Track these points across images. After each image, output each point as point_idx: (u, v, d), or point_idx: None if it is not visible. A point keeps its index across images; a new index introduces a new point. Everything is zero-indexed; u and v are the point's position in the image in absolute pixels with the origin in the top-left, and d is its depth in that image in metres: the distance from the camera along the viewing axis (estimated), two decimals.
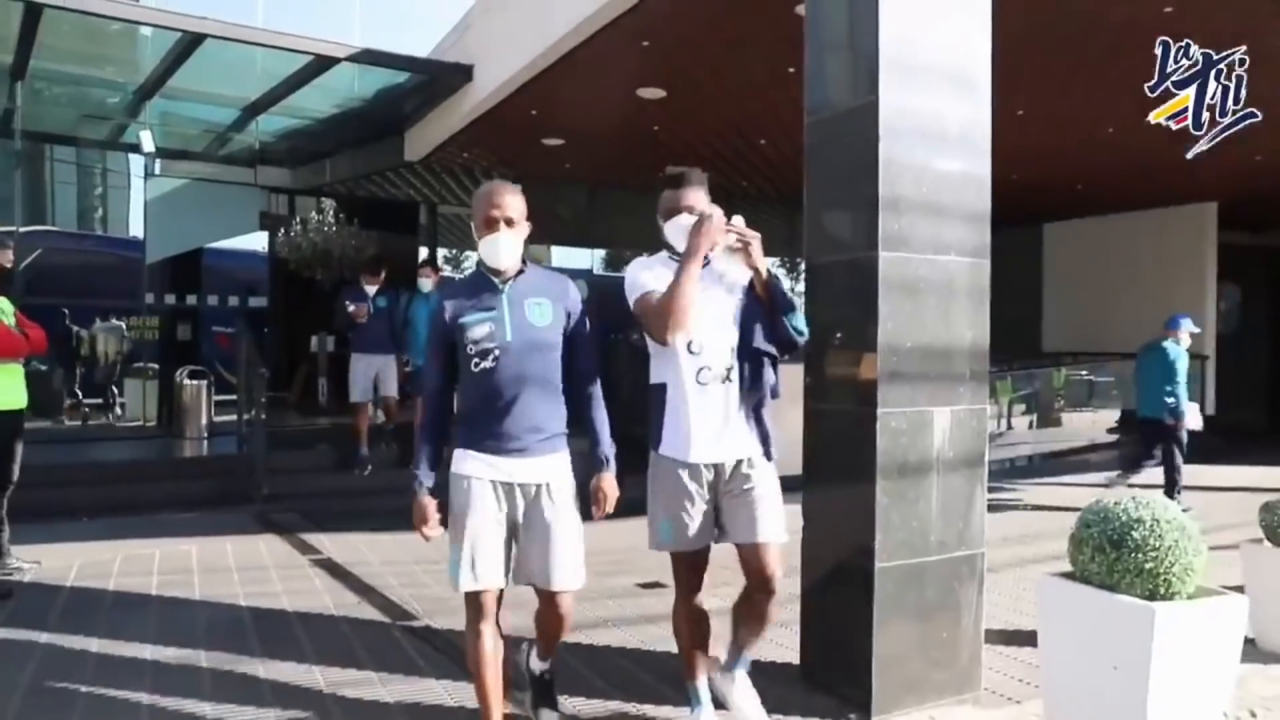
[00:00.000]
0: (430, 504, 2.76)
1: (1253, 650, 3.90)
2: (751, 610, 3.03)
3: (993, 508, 3.91)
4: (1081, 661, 2.83)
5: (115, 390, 12.10)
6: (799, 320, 2.98)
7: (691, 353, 2.92)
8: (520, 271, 2.84)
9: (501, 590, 2.82)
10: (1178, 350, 7.37)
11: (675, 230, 2.94)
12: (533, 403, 2.76)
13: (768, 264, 2.96)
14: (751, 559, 2.95)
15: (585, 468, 2.95)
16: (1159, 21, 5.55)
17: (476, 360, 2.73)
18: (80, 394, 11.96)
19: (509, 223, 2.77)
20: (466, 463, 2.79)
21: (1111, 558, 2.73)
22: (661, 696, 3.49)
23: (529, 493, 2.79)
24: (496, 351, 2.72)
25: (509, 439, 2.75)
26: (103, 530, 6.48)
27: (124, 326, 12.83)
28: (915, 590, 3.36)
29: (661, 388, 2.98)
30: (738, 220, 2.92)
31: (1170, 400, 7.29)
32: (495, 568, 2.75)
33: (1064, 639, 2.95)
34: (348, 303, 8.05)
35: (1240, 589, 3.55)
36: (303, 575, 5.36)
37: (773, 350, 2.97)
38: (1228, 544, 4.49)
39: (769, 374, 2.99)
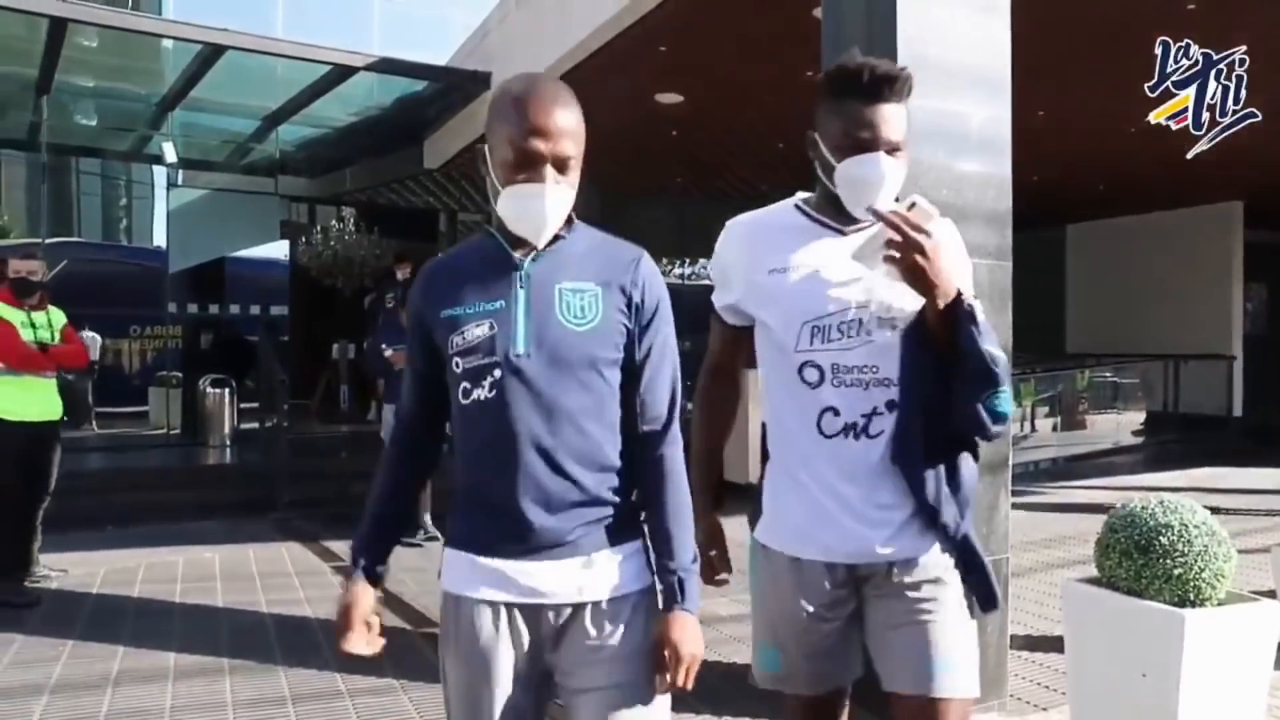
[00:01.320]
0: (357, 600, 1.63)
1: None
2: None
3: (1017, 511, 3.87)
4: (1110, 669, 2.79)
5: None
6: (1000, 400, 1.65)
7: (806, 381, 1.72)
8: (557, 237, 1.59)
9: None
10: None
11: (852, 179, 1.69)
12: (566, 461, 1.54)
13: (953, 289, 1.65)
14: (913, 718, 1.76)
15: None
16: (1183, 20, 5.50)
17: (466, 385, 1.55)
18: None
19: (561, 165, 1.51)
20: (458, 572, 1.63)
21: (1139, 563, 2.68)
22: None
23: (565, 618, 1.57)
24: (497, 372, 1.52)
25: (525, 526, 1.53)
26: (127, 538, 6.54)
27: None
28: None
29: (768, 432, 1.85)
30: (920, 205, 1.65)
31: None
32: None
33: (1091, 646, 2.90)
34: (384, 346, 6.65)
35: (1272, 594, 3.50)
36: (325, 582, 5.37)
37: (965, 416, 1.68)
38: (1257, 548, 4.43)
39: (960, 434, 1.73)
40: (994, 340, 1.66)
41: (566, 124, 1.51)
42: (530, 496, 1.53)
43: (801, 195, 1.86)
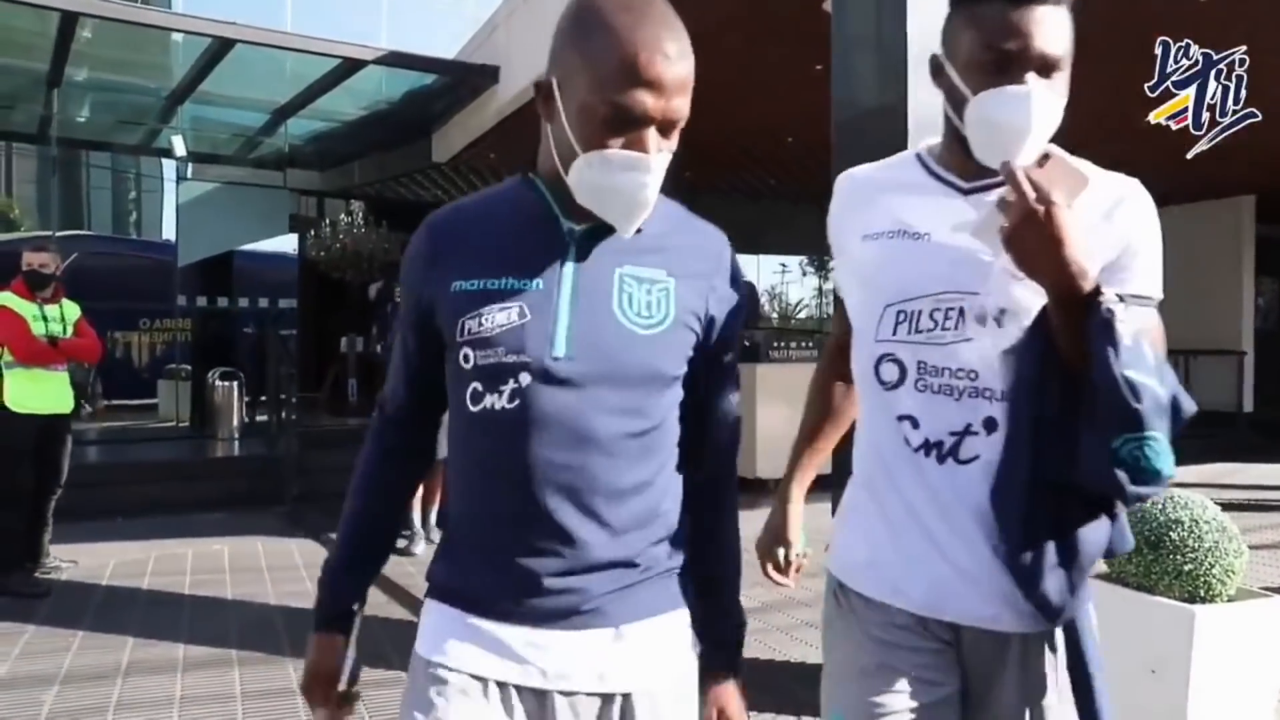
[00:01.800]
0: (323, 665, 1.30)
1: None
2: None
3: None
4: (1119, 665, 2.77)
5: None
6: (1146, 449, 1.10)
7: (882, 380, 1.32)
8: None
9: None
10: None
11: (986, 121, 1.24)
12: (600, 503, 1.16)
13: (1079, 284, 1.14)
14: None
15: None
16: (1194, 12, 5.45)
17: (478, 386, 1.16)
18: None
19: (668, 129, 1.14)
20: (440, 633, 1.22)
21: (1149, 559, 2.68)
22: None
23: (578, 711, 1.18)
24: (524, 377, 1.13)
25: (535, 584, 1.16)
26: (136, 530, 6.57)
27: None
28: None
29: (855, 439, 1.45)
30: (1056, 156, 1.32)
31: None
32: None
33: (1100, 641, 2.89)
34: None
35: None
36: None
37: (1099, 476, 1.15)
38: (1268, 544, 4.41)
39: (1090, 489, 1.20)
40: (1147, 364, 1.10)
41: (684, 72, 1.12)
42: (547, 546, 1.14)
43: (928, 142, 1.41)
